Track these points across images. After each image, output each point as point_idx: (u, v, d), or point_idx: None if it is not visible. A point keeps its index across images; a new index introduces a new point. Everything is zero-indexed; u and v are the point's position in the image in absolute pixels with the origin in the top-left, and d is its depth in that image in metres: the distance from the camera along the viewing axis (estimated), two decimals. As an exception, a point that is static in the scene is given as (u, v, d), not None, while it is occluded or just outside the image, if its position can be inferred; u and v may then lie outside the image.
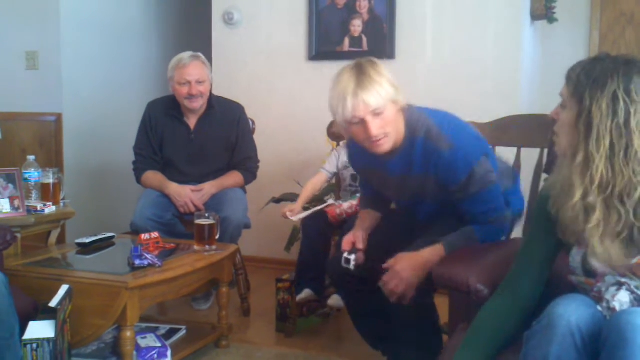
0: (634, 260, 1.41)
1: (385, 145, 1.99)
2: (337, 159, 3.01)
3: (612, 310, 1.38)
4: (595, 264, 1.45)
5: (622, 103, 1.37)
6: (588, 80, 1.41)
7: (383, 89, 1.92)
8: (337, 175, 3.10)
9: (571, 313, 1.35)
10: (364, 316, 2.41)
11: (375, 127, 1.93)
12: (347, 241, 2.23)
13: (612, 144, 1.38)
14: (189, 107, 3.13)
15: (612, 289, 1.41)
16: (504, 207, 2.08)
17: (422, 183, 2.07)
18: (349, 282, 2.31)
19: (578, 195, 1.42)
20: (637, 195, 1.39)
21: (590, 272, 1.47)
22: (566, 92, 1.47)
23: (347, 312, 2.51)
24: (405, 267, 1.99)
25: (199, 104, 3.14)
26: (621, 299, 1.39)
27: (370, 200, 2.40)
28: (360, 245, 2.20)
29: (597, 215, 1.41)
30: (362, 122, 1.93)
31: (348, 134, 2.10)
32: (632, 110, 1.37)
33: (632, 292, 1.40)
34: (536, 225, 1.64)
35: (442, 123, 2.03)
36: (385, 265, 2.03)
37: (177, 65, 3.09)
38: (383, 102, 1.91)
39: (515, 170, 2.33)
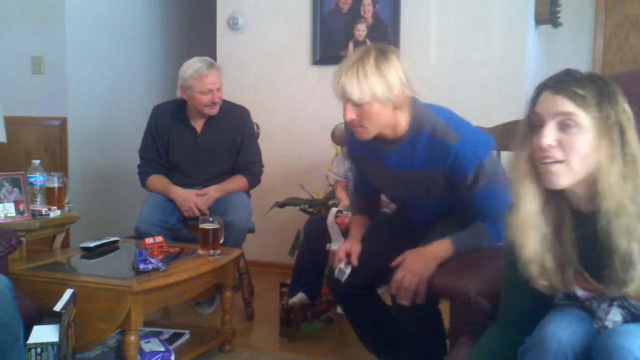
0: (624, 289, 1.33)
1: (363, 135, 1.96)
2: (342, 161, 3.00)
3: (604, 328, 1.35)
4: (580, 293, 1.40)
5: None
6: (598, 88, 1.32)
7: (367, 85, 1.85)
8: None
9: (562, 330, 1.33)
10: (364, 324, 2.40)
11: (349, 114, 1.90)
12: (343, 251, 2.21)
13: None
14: (209, 113, 3.18)
15: (604, 305, 1.37)
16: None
17: (427, 180, 2.02)
18: (349, 292, 2.29)
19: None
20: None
21: (571, 296, 1.42)
22: (573, 107, 1.32)
23: (350, 324, 2.48)
24: (415, 262, 1.96)
25: (217, 109, 3.18)
26: (613, 318, 1.35)
27: (363, 203, 2.37)
28: (355, 262, 2.18)
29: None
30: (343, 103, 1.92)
31: None
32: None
33: (624, 308, 1.37)
34: (506, 256, 1.55)
35: (448, 119, 2.00)
36: (393, 264, 2.00)
37: (198, 75, 3.10)
38: (362, 96, 1.86)
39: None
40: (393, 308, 2.11)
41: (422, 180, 2.03)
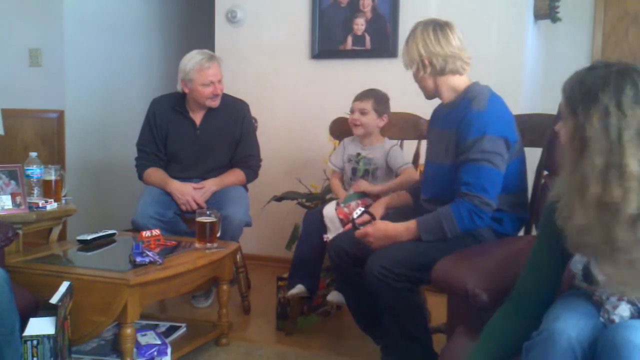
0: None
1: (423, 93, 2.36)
2: (342, 151, 3.00)
3: (611, 322, 1.36)
4: (601, 278, 1.40)
5: (614, 118, 1.32)
6: (581, 92, 1.36)
7: (405, 52, 2.30)
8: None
9: (572, 327, 1.33)
10: (358, 300, 2.49)
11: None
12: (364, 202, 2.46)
13: (605, 163, 1.32)
14: (210, 106, 3.18)
15: (613, 299, 1.38)
16: (492, 195, 2.09)
17: (447, 139, 2.22)
18: (345, 260, 2.41)
19: (577, 218, 1.37)
20: (636, 214, 1.32)
21: (591, 280, 1.43)
22: (562, 104, 1.41)
23: (343, 296, 2.60)
24: (377, 237, 2.22)
25: (219, 101, 3.18)
26: (621, 313, 1.36)
27: (415, 185, 2.57)
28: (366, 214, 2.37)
29: (596, 239, 1.36)
30: None
31: None
32: (624, 125, 1.31)
33: (633, 304, 1.37)
34: (543, 236, 1.58)
35: (493, 98, 2.20)
36: (360, 231, 2.25)
37: (199, 68, 3.10)
38: (406, 59, 2.30)
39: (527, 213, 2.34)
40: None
41: (445, 138, 2.24)
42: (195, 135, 3.22)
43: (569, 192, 1.40)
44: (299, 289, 2.78)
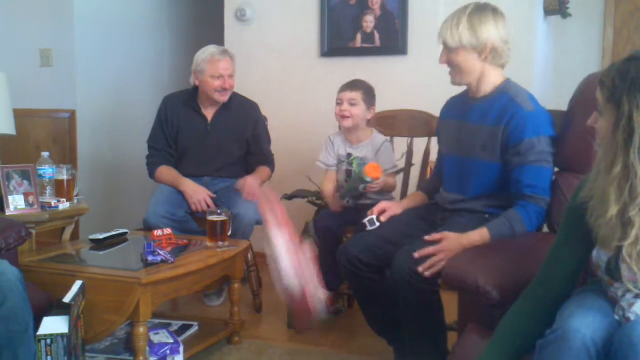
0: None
1: (453, 79, 2.26)
2: (331, 148, 2.97)
3: (626, 319, 1.34)
4: (627, 274, 1.38)
5: None
6: (624, 83, 1.32)
7: (457, 33, 2.15)
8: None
9: (587, 327, 1.32)
10: (371, 303, 2.47)
11: (443, 57, 2.22)
12: (379, 207, 2.42)
13: None
14: (219, 100, 3.19)
15: (629, 296, 1.37)
16: (548, 193, 2.10)
17: (488, 135, 2.16)
18: (358, 268, 2.36)
19: (614, 209, 1.34)
20: None
21: (614, 275, 1.41)
22: (601, 97, 1.38)
23: (355, 299, 2.59)
24: (452, 245, 2.02)
25: (228, 97, 3.21)
26: (637, 311, 1.34)
27: (429, 185, 2.55)
28: (383, 218, 2.38)
29: (636, 231, 1.32)
30: None
31: None
32: None
33: None
34: (567, 234, 1.55)
35: (533, 98, 2.17)
36: (430, 238, 2.08)
37: (211, 59, 3.13)
38: (452, 42, 2.16)
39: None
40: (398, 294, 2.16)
41: (485, 134, 2.17)
42: (205, 131, 3.23)
43: (606, 189, 1.36)
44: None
